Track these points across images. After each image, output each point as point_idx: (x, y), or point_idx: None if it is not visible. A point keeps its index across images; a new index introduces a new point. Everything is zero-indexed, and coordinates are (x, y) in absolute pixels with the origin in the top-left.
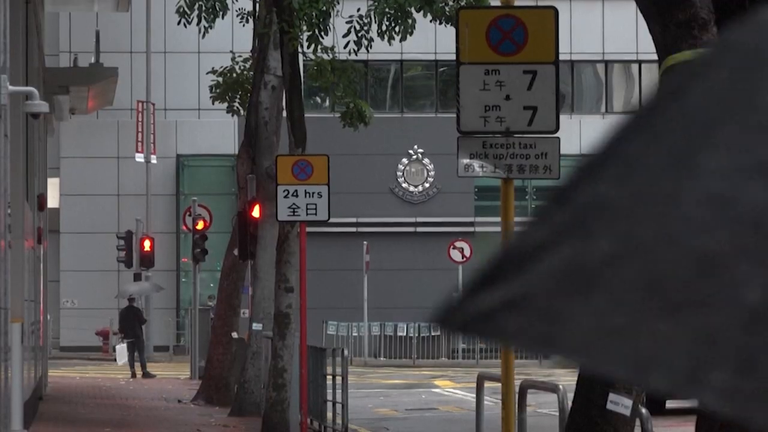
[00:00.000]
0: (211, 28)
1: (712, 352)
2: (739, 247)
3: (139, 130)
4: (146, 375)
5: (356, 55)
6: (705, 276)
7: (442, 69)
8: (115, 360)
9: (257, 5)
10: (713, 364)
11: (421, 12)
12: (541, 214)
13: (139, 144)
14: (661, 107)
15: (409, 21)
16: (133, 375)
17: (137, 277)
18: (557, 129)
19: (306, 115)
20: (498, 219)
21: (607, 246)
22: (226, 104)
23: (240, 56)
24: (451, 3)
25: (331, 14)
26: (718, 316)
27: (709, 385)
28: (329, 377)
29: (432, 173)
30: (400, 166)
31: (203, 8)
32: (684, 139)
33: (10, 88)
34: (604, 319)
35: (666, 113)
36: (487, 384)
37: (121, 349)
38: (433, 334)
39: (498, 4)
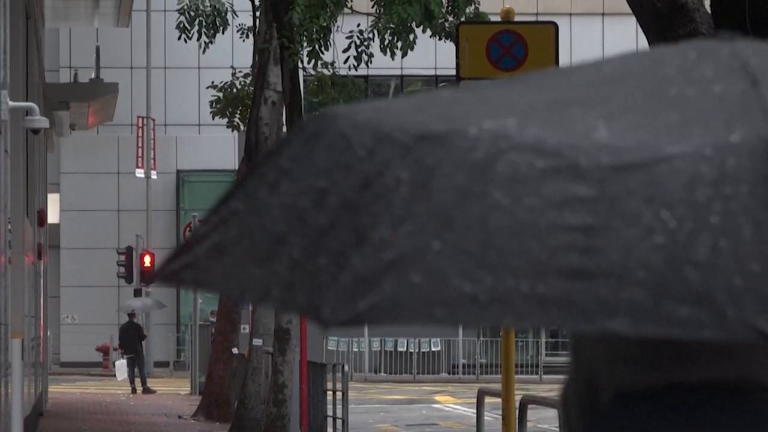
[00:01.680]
0: (211, 44)
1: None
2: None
3: (140, 145)
4: (146, 390)
5: (356, 70)
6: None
7: (442, 84)
8: (115, 376)
9: (257, 21)
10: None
11: (421, 27)
12: (209, 215)
13: (140, 159)
14: (260, 166)
15: (411, 36)
16: (134, 390)
17: (137, 293)
18: None
19: None
20: None
21: (235, 231)
22: (226, 120)
23: (240, 72)
24: (451, 19)
25: (332, 30)
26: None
27: (271, 298)
28: (329, 393)
29: None
30: None
31: (204, 24)
32: (261, 180)
33: (11, 103)
34: (229, 269)
35: (259, 170)
36: (487, 399)
37: (121, 365)
38: (433, 349)
39: (498, 19)
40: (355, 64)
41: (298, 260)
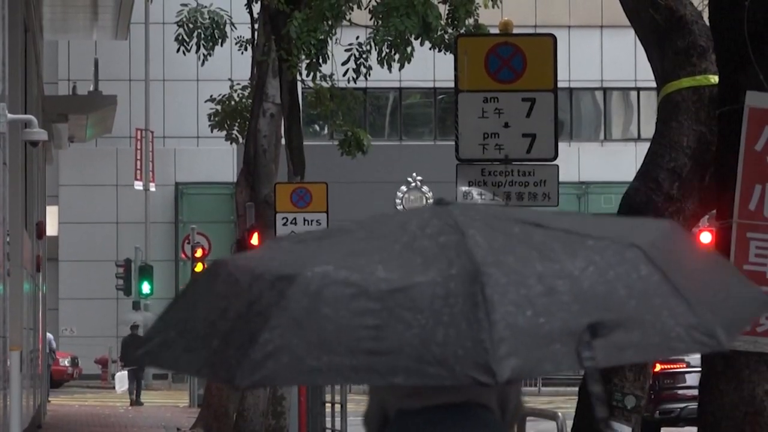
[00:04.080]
0: (210, 56)
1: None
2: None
3: (138, 158)
4: (137, 403)
5: (355, 82)
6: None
7: (440, 97)
8: (114, 388)
9: (256, 33)
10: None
11: (419, 40)
12: (157, 321)
13: (138, 172)
14: (184, 292)
15: (408, 49)
16: (132, 402)
17: (136, 306)
18: (556, 156)
19: (305, 143)
20: None
21: (173, 333)
22: (224, 132)
23: (239, 84)
24: (450, 31)
25: (330, 42)
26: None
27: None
28: (328, 405)
29: (431, 201)
30: (399, 194)
31: (202, 36)
32: (186, 301)
33: (9, 116)
34: (172, 356)
35: (184, 294)
36: None
37: (122, 377)
38: None
39: (497, 32)
40: (354, 76)
41: (215, 350)
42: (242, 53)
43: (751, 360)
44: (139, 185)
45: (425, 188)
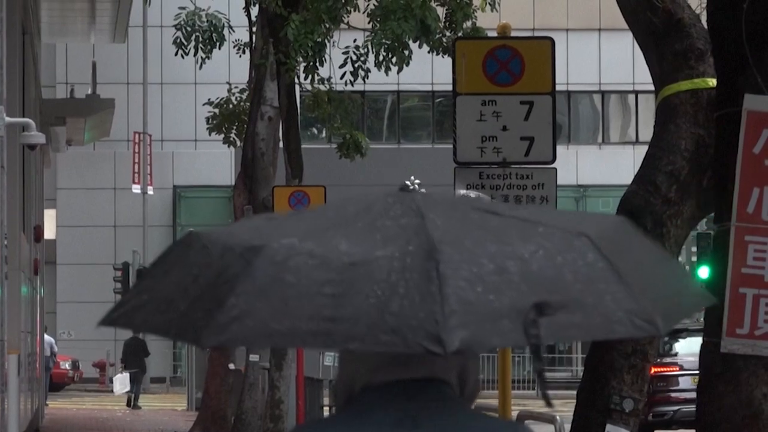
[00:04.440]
0: (208, 59)
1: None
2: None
3: (136, 161)
4: (135, 406)
5: (353, 86)
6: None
7: (438, 100)
8: (112, 391)
9: (254, 36)
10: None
11: (417, 43)
12: (133, 286)
13: (136, 175)
14: (158, 260)
15: (406, 52)
16: (135, 406)
17: None
18: (554, 159)
19: (303, 146)
20: None
21: (146, 296)
22: (222, 135)
23: (236, 87)
24: (448, 34)
25: (328, 45)
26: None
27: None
28: (326, 408)
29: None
30: None
31: (200, 39)
32: (160, 268)
33: (7, 119)
34: (145, 317)
35: (158, 262)
36: None
37: (122, 379)
38: None
39: (495, 35)
40: (351, 79)
41: (183, 312)
42: (240, 56)
43: (749, 363)
44: (137, 188)
45: (423, 191)
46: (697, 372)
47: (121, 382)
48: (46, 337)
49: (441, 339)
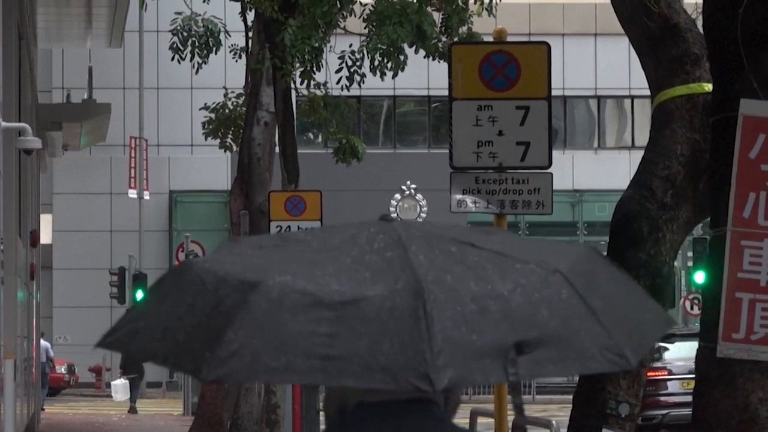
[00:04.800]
0: (204, 64)
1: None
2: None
3: (132, 166)
4: (133, 410)
5: (348, 90)
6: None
7: (434, 105)
8: (112, 396)
9: (250, 41)
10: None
11: (413, 48)
12: (128, 312)
13: (132, 180)
14: (153, 288)
15: (401, 57)
16: (131, 409)
17: None
18: (550, 164)
19: (299, 151)
20: None
21: (142, 323)
22: (218, 140)
23: (233, 92)
24: (444, 39)
25: (324, 50)
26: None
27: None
28: (322, 413)
29: (425, 209)
30: (393, 202)
31: (196, 44)
32: (155, 296)
33: (3, 124)
34: (140, 344)
35: (153, 290)
36: (480, 420)
37: (121, 386)
38: None
39: (491, 40)
40: (347, 84)
41: (181, 342)
42: (236, 61)
43: (745, 368)
44: (133, 193)
45: (419, 196)
46: (685, 376)
47: (121, 390)
48: (42, 342)
49: (430, 378)
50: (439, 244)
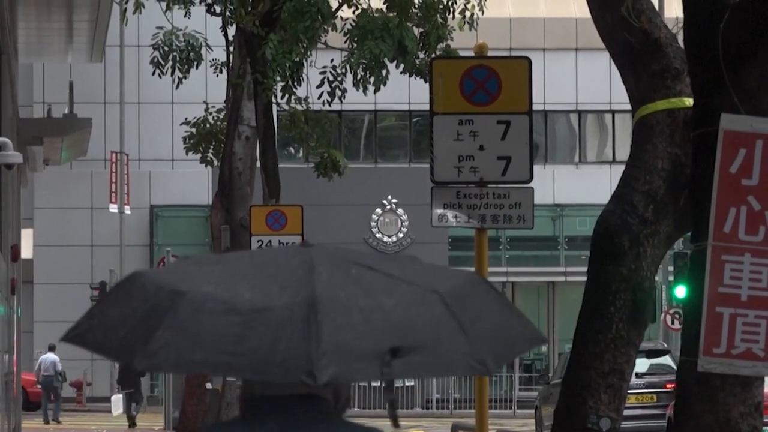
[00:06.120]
0: (185, 79)
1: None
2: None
3: (113, 180)
4: (132, 425)
5: (330, 105)
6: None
7: (415, 119)
8: (111, 411)
9: (231, 56)
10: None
11: (395, 63)
12: (88, 312)
13: (113, 195)
14: (108, 293)
15: (383, 72)
16: (133, 424)
17: None
18: (531, 179)
19: (280, 166)
20: (472, 269)
21: (96, 321)
22: (199, 155)
23: (214, 107)
24: (422, 56)
25: (305, 65)
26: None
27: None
28: None
29: (406, 223)
30: (374, 217)
31: (177, 59)
32: (108, 300)
33: None
34: (94, 339)
35: (108, 295)
36: None
37: (117, 400)
38: (407, 384)
39: (472, 54)
40: (329, 99)
41: (123, 337)
42: (217, 76)
43: (726, 382)
44: (114, 208)
45: (400, 211)
46: (640, 391)
47: (116, 404)
48: (52, 355)
49: (313, 374)
50: (342, 266)
